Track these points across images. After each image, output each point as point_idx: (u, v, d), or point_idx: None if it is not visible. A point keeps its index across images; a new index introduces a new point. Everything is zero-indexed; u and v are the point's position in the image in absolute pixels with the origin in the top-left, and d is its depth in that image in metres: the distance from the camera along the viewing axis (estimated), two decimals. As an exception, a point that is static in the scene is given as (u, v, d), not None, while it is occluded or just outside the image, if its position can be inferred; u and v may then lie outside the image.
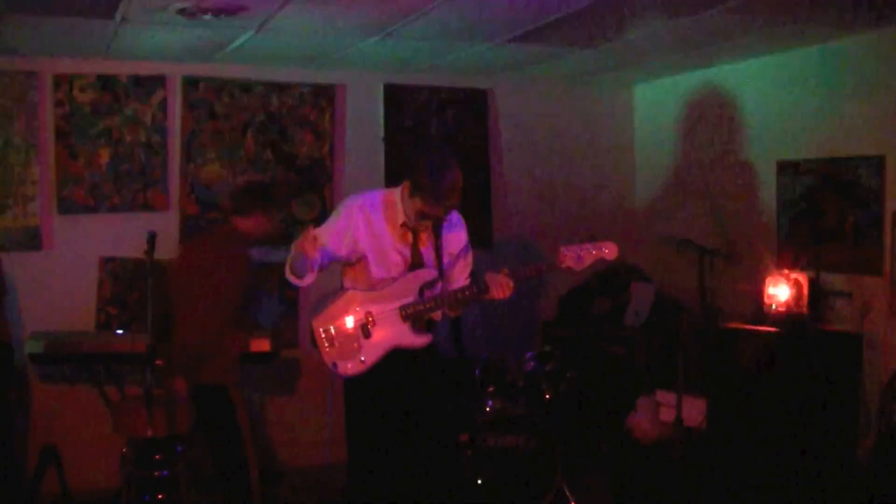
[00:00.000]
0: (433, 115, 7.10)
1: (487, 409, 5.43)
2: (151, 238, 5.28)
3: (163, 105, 6.40)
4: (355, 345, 4.30)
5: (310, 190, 6.72)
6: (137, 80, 6.33)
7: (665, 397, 5.91)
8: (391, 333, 4.29)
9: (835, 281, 5.64)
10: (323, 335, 4.37)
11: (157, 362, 5.08)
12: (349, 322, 4.32)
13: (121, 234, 6.26)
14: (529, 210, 7.38)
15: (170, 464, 5.37)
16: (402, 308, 4.28)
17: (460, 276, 4.49)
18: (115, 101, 6.29)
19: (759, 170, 6.27)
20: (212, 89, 6.50)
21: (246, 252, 5.37)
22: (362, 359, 4.30)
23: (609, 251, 4.24)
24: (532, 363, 5.74)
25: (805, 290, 5.58)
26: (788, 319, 5.54)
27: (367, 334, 4.30)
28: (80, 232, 6.23)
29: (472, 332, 6.57)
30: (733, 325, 5.89)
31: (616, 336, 6.56)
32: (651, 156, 7.48)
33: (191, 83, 6.45)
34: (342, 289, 4.44)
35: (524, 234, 7.33)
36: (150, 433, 5.20)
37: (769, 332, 5.53)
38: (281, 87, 6.66)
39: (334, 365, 4.35)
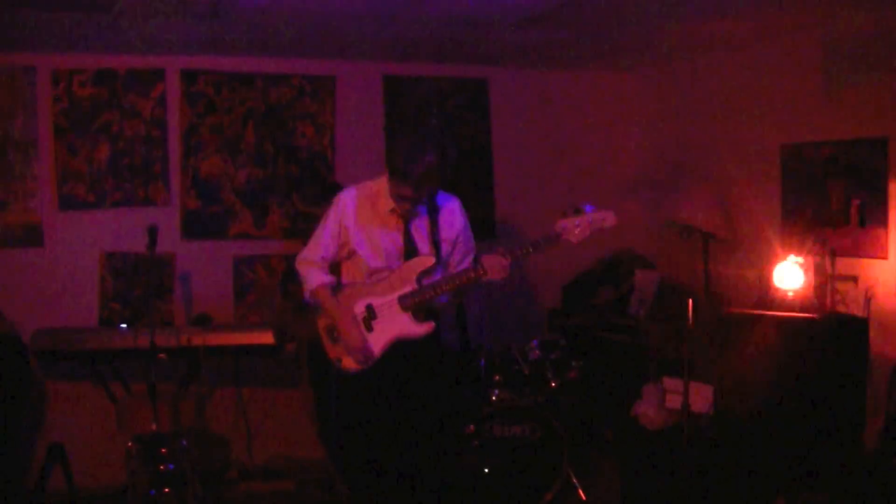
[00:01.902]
0: (434, 106, 7.08)
1: (493, 398, 5.40)
2: (153, 232, 5.29)
3: (162, 99, 6.37)
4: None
5: (312, 182, 6.68)
6: (136, 74, 6.30)
7: (672, 384, 5.88)
8: (392, 325, 4.27)
9: (840, 265, 5.60)
10: (326, 332, 4.36)
11: (160, 356, 5.09)
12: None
13: (122, 230, 6.25)
14: (533, 198, 7.34)
15: (175, 458, 5.36)
16: (401, 298, 4.26)
17: (462, 263, 4.45)
18: (113, 95, 6.26)
19: (763, 154, 6.23)
20: (211, 82, 6.47)
21: None
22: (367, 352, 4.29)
23: (608, 219, 4.17)
24: (537, 352, 5.72)
25: (811, 275, 5.55)
26: (794, 304, 5.51)
27: (369, 328, 4.28)
28: (81, 228, 6.22)
29: (478, 322, 6.55)
30: (739, 310, 5.85)
31: (621, 324, 6.53)
32: (654, 141, 7.45)
33: (189, 76, 6.42)
34: (340, 284, 4.42)
35: (528, 222, 7.30)
36: (154, 428, 5.20)
37: (775, 317, 5.50)
38: (280, 80, 6.62)
39: (338, 360, 4.33)
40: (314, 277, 4.39)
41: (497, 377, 5.56)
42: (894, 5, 5.18)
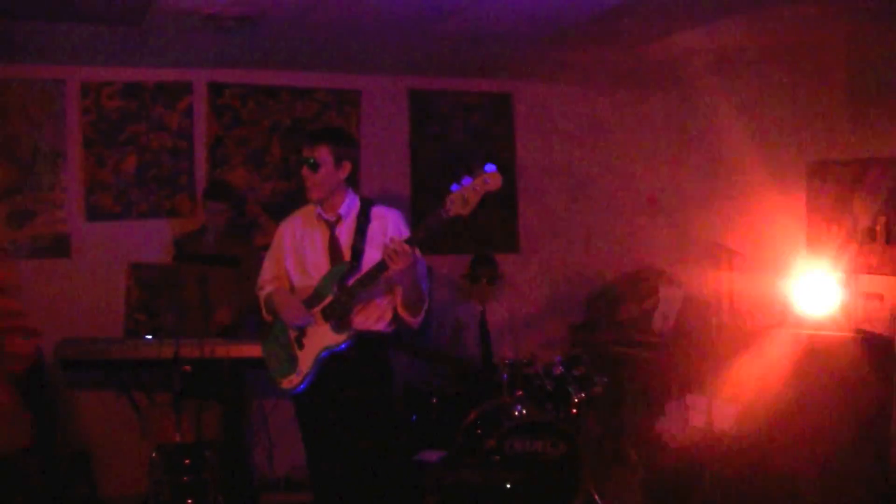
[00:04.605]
0: (458, 120, 7.09)
1: (516, 413, 5.39)
2: (178, 244, 5.31)
3: (189, 111, 6.42)
4: (294, 358, 4.33)
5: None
6: (163, 87, 6.36)
7: (695, 401, 5.86)
8: (317, 337, 4.27)
9: (866, 282, 5.57)
10: (266, 354, 4.48)
11: (185, 367, 5.12)
12: (286, 337, 4.38)
13: (148, 240, 6.29)
14: (556, 213, 7.34)
15: (198, 469, 5.37)
16: (324, 310, 4.26)
17: None
18: (141, 107, 6.32)
19: (789, 171, 6.21)
20: (237, 95, 6.52)
21: None
22: (299, 370, 4.30)
23: (492, 181, 3.92)
24: (560, 368, 5.70)
25: (836, 292, 5.52)
26: (819, 322, 5.48)
27: (300, 345, 4.30)
28: (107, 238, 6.27)
29: (500, 336, 6.55)
30: (763, 327, 5.82)
31: (645, 340, 6.51)
32: (678, 157, 7.43)
33: (216, 89, 6.47)
34: None
35: (551, 236, 7.31)
36: (178, 438, 5.22)
37: (800, 334, 5.47)
38: (306, 93, 6.66)
39: (278, 382, 4.40)
40: (265, 289, 4.50)
41: (520, 392, 5.55)
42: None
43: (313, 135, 4.32)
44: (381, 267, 4.08)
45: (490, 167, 3.94)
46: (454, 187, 3.94)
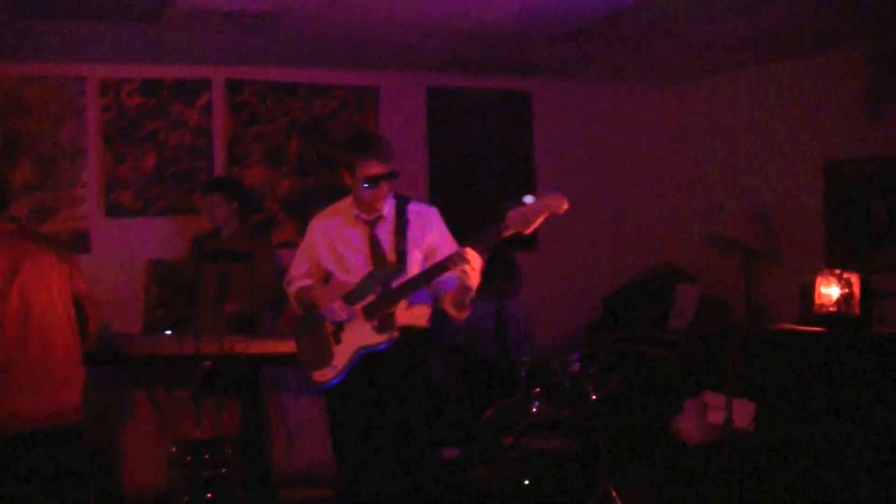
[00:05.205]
0: (477, 118, 7.09)
1: (533, 410, 5.40)
2: (198, 241, 5.34)
3: (207, 108, 6.45)
4: (329, 352, 4.32)
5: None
6: (182, 84, 6.38)
7: (714, 399, 5.85)
8: (356, 334, 4.26)
9: (885, 282, 5.55)
10: (299, 346, 4.47)
11: (205, 363, 5.14)
12: (322, 331, 4.37)
13: (167, 237, 6.32)
14: (574, 212, 7.31)
15: (217, 464, 5.40)
16: (365, 308, 4.26)
17: None
18: (160, 104, 6.35)
19: (806, 170, 6.19)
20: (255, 93, 6.54)
21: None
22: (333, 364, 4.30)
23: (559, 205, 3.90)
24: (577, 365, 5.70)
25: (853, 291, 5.51)
26: (838, 320, 5.46)
27: (337, 340, 4.30)
28: (127, 234, 6.30)
29: (517, 334, 6.55)
30: (780, 326, 5.82)
31: (661, 338, 6.51)
32: (696, 156, 7.42)
33: (234, 86, 6.49)
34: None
35: (569, 235, 7.30)
36: (197, 434, 5.25)
37: (819, 333, 5.46)
38: (324, 90, 6.68)
39: (310, 375, 4.39)
40: (296, 284, 4.50)
41: (537, 389, 5.56)
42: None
43: (387, 148, 4.27)
44: (431, 273, 4.11)
45: (556, 192, 3.94)
46: (513, 206, 3.93)
